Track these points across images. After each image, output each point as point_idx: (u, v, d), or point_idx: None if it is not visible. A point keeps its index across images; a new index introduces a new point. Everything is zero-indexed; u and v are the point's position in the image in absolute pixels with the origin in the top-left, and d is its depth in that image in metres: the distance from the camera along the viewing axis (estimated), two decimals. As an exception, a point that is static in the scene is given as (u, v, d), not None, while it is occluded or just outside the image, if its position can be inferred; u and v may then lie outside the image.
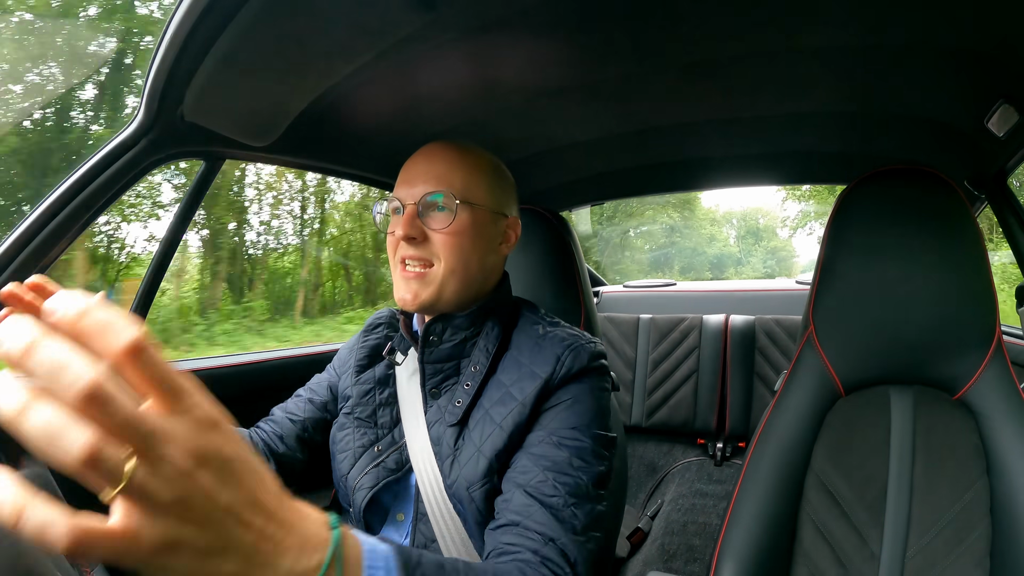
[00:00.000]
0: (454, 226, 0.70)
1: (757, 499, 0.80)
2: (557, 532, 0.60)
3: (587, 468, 0.65)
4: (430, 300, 0.71)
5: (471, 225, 0.72)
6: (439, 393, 0.75)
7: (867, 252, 0.82)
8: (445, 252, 0.70)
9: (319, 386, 0.88)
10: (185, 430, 0.26)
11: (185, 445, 0.26)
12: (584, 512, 0.62)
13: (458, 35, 0.80)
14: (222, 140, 0.94)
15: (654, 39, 0.85)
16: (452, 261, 0.71)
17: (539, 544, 0.58)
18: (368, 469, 0.74)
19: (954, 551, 0.72)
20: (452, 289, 0.72)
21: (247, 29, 0.67)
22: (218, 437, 0.28)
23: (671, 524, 1.80)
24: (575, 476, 0.64)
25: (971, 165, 1.16)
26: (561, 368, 0.70)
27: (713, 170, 1.50)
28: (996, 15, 0.73)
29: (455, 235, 0.70)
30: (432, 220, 0.71)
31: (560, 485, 0.63)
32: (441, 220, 0.70)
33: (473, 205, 0.72)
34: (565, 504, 0.62)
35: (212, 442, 0.27)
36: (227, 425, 0.29)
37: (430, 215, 0.71)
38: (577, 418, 0.68)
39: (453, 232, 0.70)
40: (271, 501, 0.30)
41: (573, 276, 1.03)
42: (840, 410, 0.84)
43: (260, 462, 0.31)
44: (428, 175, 0.71)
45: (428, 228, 0.71)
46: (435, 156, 0.73)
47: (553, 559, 0.58)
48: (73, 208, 0.82)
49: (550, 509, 0.61)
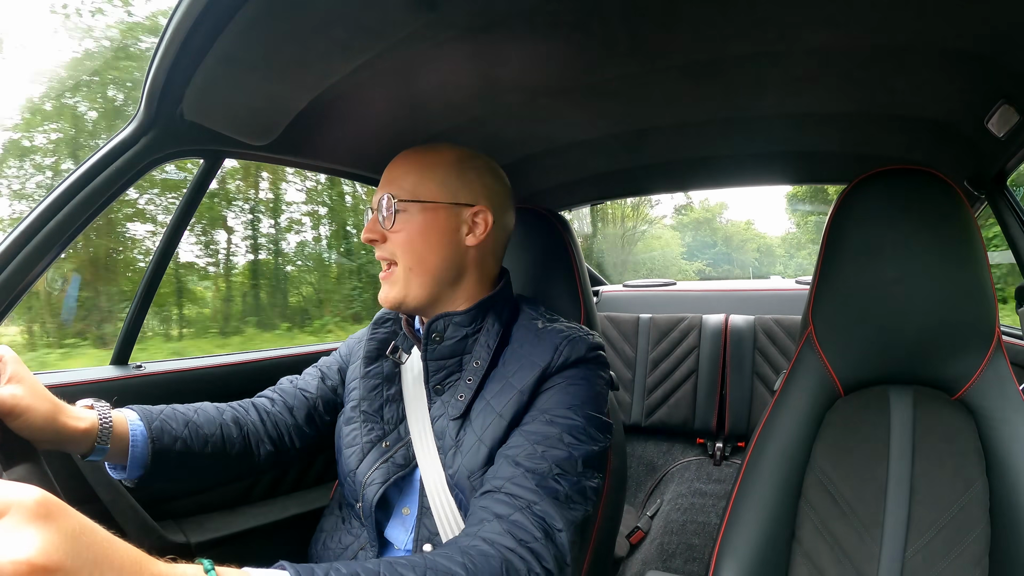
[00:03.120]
0: (398, 224, 0.75)
1: (756, 498, 0.80)
2: (538, 497, 0.60)
3: (578, 445, 0.66)
4: (398, 298, 0.76)
5: (421, 222, 0.75)
6: (443, 389, 0.76)
7: (867, 252, 0.82)
8: (400, 250, 0.75)
9: (329, 369, 0.90)
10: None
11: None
12: (569, 483, 0.63)
13: (458, 34, 0.80)
14: (222, 139, 0.94)
15: (654, 39, 0.85)
16: (407, 258, 0.75)
17: (514, 509, 0.59)
18: (378, 465, 0.75)
19: (953, 551, 0.72)
20: (417, 283, 0.75)
21: (247, 28, 0.67)
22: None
23: (670, 523, 1.81)
24: (564, 450, 0.65)
25: (971, 165, 1.16)
26: (559, 357, 0.72)
27: (713, 170, 1.50)
28: (996, 15, 0.73)
29: (404, 233, 0.75)
30: (385, 221, 0.75)
31: (547, 456, 0.64)
32: (393, 221, 0.75)
33: (423, 202, 0.75)
34: (550, 472, 0.63)
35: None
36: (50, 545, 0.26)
37: (384, 217, 0.75)
38: (571, 398, 0.70)
39: (401, 231, 0.75)
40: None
41: (573, 276, 1.03)
42: (840, 410, 0.85)
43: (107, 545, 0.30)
44: (387, 180, 0.77)
45: (384, 230, 0.75)
46: (396, 162, 0.78)
47: (524, 525, 0.58)
48: (73, 207, 0.82)
49: (534, 475, 0.62)
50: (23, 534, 0.26)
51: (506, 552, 0.55)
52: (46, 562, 0.26)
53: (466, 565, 0.52)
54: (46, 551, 0.26)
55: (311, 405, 0.85)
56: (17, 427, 0.56)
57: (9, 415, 0.55)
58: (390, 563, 0.49)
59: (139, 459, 0.68)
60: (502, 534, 0.57)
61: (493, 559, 0.53)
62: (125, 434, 0.67)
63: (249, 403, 0.84)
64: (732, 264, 17.07)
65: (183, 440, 0.71)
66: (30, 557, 0.25)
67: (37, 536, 0.26)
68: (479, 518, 0.60)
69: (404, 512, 0.76)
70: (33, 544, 0.26)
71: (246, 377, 1.28)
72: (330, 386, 0.88)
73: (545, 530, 0.58)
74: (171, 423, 0.71)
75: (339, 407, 0.86)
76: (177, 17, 0.66)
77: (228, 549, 1.13)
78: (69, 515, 0.28)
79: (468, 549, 0.54)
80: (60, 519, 0.27)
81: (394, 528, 0.76)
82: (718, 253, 17.49)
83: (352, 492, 0.78)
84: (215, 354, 1.44)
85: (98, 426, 0.63)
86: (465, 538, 0.57)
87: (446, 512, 0.70)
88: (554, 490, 0.61)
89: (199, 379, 1.19)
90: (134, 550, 0.31)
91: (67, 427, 0.60)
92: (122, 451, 0.67)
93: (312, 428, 0.85)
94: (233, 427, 0.78)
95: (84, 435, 0.62)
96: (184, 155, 0.95)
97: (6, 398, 0.55)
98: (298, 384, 0.88)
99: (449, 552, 0.54)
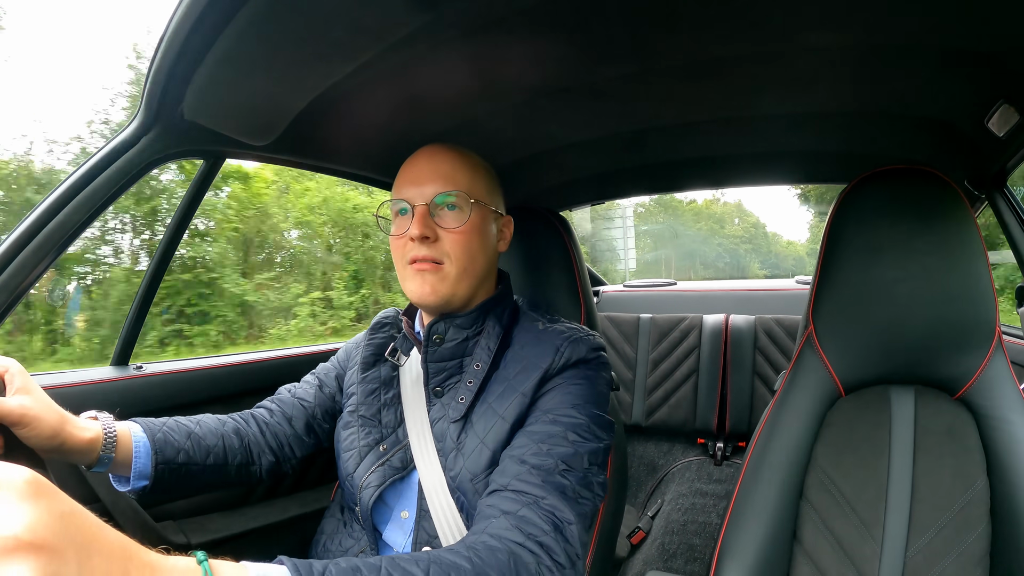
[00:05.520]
0: (467, 225, 0.72)
1: (757, 498, 0.80)
2: (545, 492, 0.60)
3: (582, 442, 0.66)
4: (447, 295, 0.73)
5: (480, 223, 0.73)
6: (442, 392, 0.76)
7: (867, 252, 0.82)
8: (456, 250, 0.71)
9: (327, 376, 0.90)
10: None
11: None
12: (576, 478, 0.63)
13: (458, 35, 0.80)
14: (222, 139, 0.94)
15: (654, 39, 0.85)
16: (464, 259, 0.72)
17: (521, 505, 0.59)
18: (374, 468, 0.75)
19: (954, 550, 0.72)
20: (464, 286, 0.74)
21: (247, 28, 0.67)
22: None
23: (671, 523, 1.81)
24: (569, 447, 0.65)
25: (971, 165, 1.16)
26: (560, 358, 0.72)
27: (713, 170, 1.50)
28: (996, 15, 0.73)
29: (466, 233, 0.72)
30: (443, 219, 0.72)
31: (552, 453, 0.64)
32: (453, 219, 0.72)
33: (480, 204, 0.73)
34: (556, 468, 0.62)
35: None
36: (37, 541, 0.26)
37: (441, 214, 0.72)
38: (573, 398, 0.69)
39: (465, 231, 0.72)
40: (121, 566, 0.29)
41: (573, 276, 1.03)
42: (840, 409, 0.84)
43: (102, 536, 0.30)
44: (435, 175, 0.72)
45: (439, 227, 0.71)
46: (438, 157, 0.74)
47: (532, 520, 0.57)
48: (73, 207, 0.82)
49: (540, 471, 0.62)
50: (11, 511, 0.26)
51: (513, 546, 0.54)
52: (32, 539, 0.25)
53: (471, 559, 0.51)
54: (33, 528, 0.26)
55: (309, 414, 0.86)
56: (24, 436, 0.57)
57: (17, 425, 0.56)
58: (392, 558, 0.49)
59: (142, 470, 0.69)
60: (509, 529, 0.56)
61: (500, 552, 0.53)
62: (128, 445, 0.68)
63: (248, 414, 0.84)
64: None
65: (185, 451, 0.72)
66: (17, 533, 0.25)
67: (25, 513, 0.26)
68: (486, 516, 0.59)
69: (403, 515, 0.75)
70: (21, 521, 0.26)
71: (246, 377, 1.28)
72: (328, 393, 0.88)
73: (555, 523, 0.58)
74: (173, 435, 0.72)
75: (338, 413, 0.86)
76: (177, 17, 0.66)
77: (228, 550, 1.11)
78: (59, 496, 0.28)
79: (474, 544, 0.54)
80: (50, 499, 0.27)
81: (392, 531, 0.76)
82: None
83: (350, 495, 0.78)
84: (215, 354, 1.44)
85: (102, 437, 0.64)
86: (472, 536, 0.57)
87: (446, 515, 0.70)
88: (561, 485, 0.61)
89: (199, 379, 1.19)
90: (124, 538, 0.31)
91: (73, 437, 0.61)
92: (126, 462, 0.68)
93: (311, 437, 0.86)
94: (234, 438, 0.79)
95: (89, 446, 0.63)
96: (184, 155, 0.95)
97: (14, 408, 0.56)
98: (296, 393, 0.88)
99: (454, 547, 0.53)
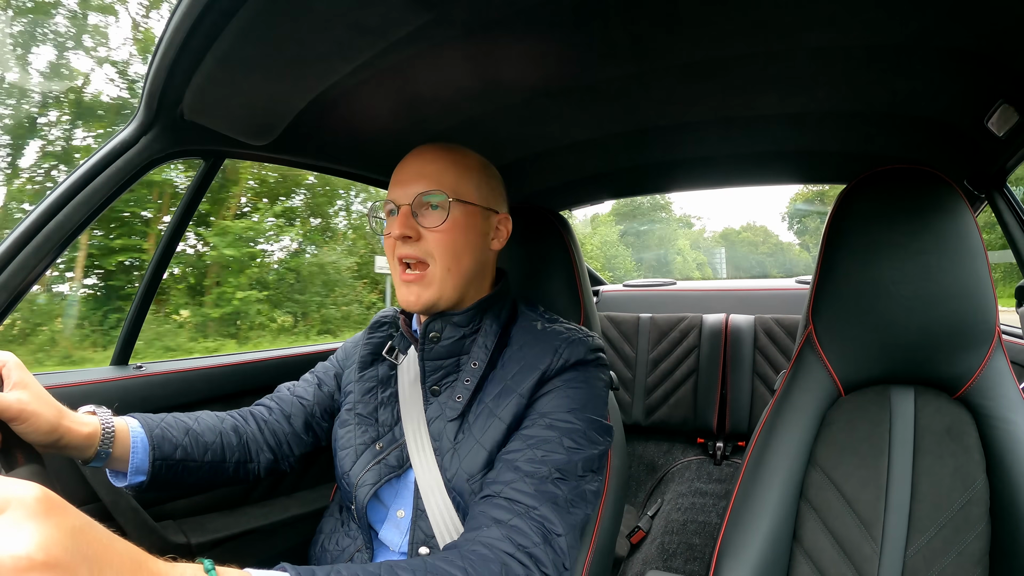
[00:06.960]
0: (447, 223, 0.72)
1: (757, 498, 0.80)
2: (537, 502, 0.60)
3: (577, 449, 0.66)
4: (432, 300, 0.73)
5: (463, 222, 0.73)
6: (439, 391, 0.76)
7: (867, 252, 0.82)
8: (439, 249, 0.72)
9: (326, 375, 0.90)
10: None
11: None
12: (569, 487, 0.63)
13: (458, 35, 0.80)
14: (222, 139, 0.94)
15: (654, 39, 0.85)
16: (447, 258, 0.72)
17: (513, 514, 0.59)
18: (370, 466, 0.75)
19: (954, 549, 0.73)
20: (451, 285, 0.73)
21: (246, 28, 0.67)
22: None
23: (671, 523, 1.81)
24: (564, 454, 0.65)
25: (971, 165, 1.16)
26: (558, 359, 0.72)
27: (713, 169, 1.50)
28: (996, 15, 0.73)
29: (448, 232, 0.72)
30: (425, 218, 0.72)
31: (547, 461, 0.64)
32: (434, 218, 0.72)
33: (464, 202, 0.73)
34: (549, 476, 0.63)
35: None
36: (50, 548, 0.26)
37: (424, 213, 0.73)
38: (570, 402, 0.69)
39: (446, 229, 0.72)
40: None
41: (573, 275, 1.03)
42: (840, 409, 0.85)
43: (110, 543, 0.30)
44: (420, 175, 0.73)
45: (422, 227, 0.72)
46: (426, 157, 0.75)
47: (523, 530, 0.58)
48: (73, 207, 0.82)
49: (533, 480, 0.62)
50: (23, 530, 0.26)
51: (505, 557, 0.55)
52: (45, 558, 0.26)
53: (466, 569, 0.52)
54: (46, 547, 0.26)
55: (308, 412, 0.86)
56: (22, 431, 0.57)
57: (15, 420, 0.56)
58: (390, 566, 0.50)
59: (139, 466, 0.68)
60: (501, 539, 0.57)
61: (492, 563, 0.54)
62: (126, 440, 0.67)
63: (247, 412, 0.84)
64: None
65: (183, 448, 0.72)
66: (30, 552, 0.25)
67: (37, 532, 0.26)
68: (478, 523, 0.60)
69: (399, 515, 0.75)
70: (33, 540, 0.26)
71: (246, 377, 1.28)
72: (327, 392, 0.88)
73: (544, 535, 0.58)
74: (171, 431, 0.72)
75: (337, 412, 0.86)
76: (177, 17, 0.66)
77: (228, 549, 1.13)
78: (69, 512, 0.28)
79: (468, 553, 0.55)
80: (60, 516, 0.27)
81: (388, 530, 0.76)
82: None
83: (347, 494, 0.78)
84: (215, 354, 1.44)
85: (100, 432, 0.64)
86: (465, 543, 0.58)
87: (442, 514, 0.70)
88: (553, 495, 0.61)
89: (199, 379, 1.20)
90: (134, 549, 0.31)
91: (70, 432, 0.61)
92: (123, 457, 0.67)
93: (310, 435, 0.86)
94: (233, 435, 0.79)
95: (87, 441, 0.63)
96: (184, 155, 0.95)
97: (12, 403, 0.56)
98: (295, 392, 0.88)
99: (448, 556, 0.54)
